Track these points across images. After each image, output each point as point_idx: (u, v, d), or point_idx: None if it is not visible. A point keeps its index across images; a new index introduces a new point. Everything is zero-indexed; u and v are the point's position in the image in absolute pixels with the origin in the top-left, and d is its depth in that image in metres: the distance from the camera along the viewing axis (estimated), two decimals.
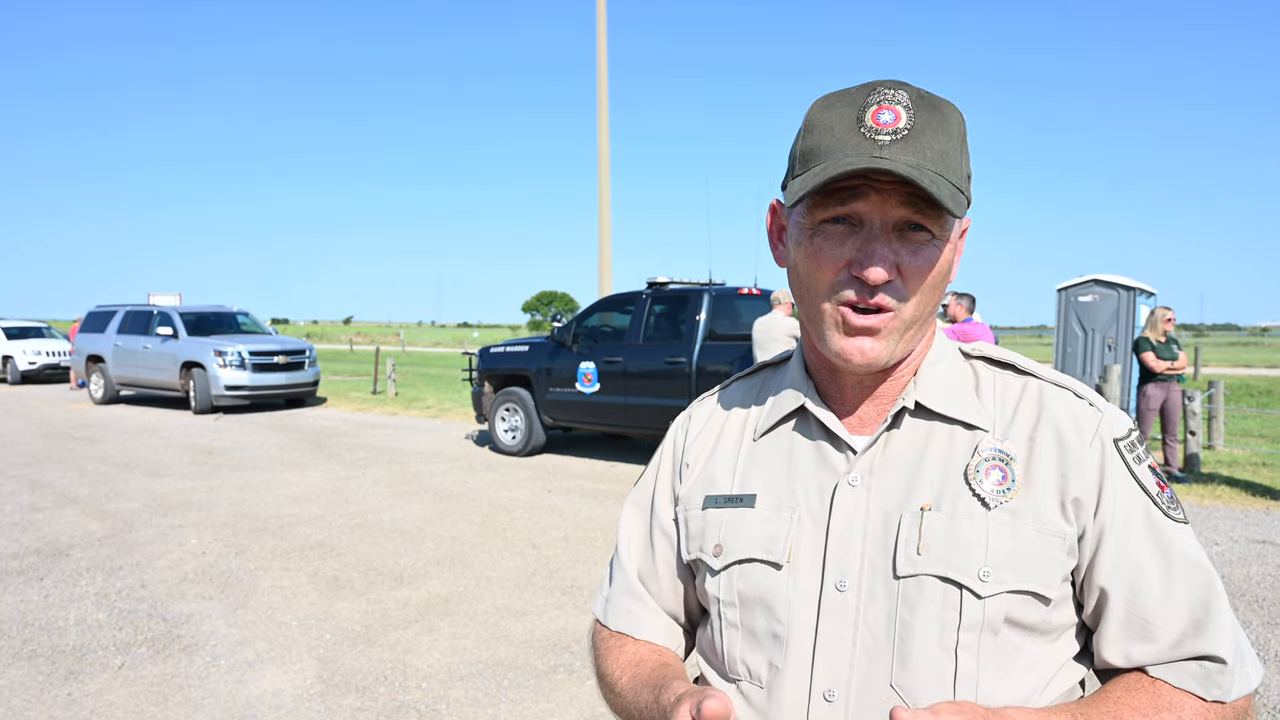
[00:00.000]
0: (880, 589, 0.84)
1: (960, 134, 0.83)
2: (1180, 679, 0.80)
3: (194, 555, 5.47)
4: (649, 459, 1.10)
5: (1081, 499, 0.83)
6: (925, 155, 0.79)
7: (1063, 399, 0.88)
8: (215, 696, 3.42)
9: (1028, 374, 0.92)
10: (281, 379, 14.25)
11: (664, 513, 1.03)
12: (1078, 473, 0.84)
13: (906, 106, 0.81)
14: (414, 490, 7.64)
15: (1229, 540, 5.81)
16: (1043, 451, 0.85)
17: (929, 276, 0.84)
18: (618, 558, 1.06)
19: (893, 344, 0.85)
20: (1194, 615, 0.81)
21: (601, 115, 17.12)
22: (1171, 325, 7.96)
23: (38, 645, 3.95)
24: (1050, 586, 0.82)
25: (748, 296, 9.14)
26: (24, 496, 7.29)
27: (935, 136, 0.81)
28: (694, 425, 1.04)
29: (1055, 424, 0.86)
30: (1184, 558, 0.83)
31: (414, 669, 3.71)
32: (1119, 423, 0.88)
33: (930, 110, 0.82)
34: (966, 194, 0.83)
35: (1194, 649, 0.80)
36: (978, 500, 0.84)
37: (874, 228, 0.82)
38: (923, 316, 0.86)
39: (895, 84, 0.83)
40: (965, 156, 0.84)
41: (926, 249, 0.83)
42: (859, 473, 0.88)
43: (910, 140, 0.80)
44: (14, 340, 20.90)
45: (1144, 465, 0.87)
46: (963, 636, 0.81)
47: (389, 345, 46.68)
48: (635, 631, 1.02)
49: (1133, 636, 0.82)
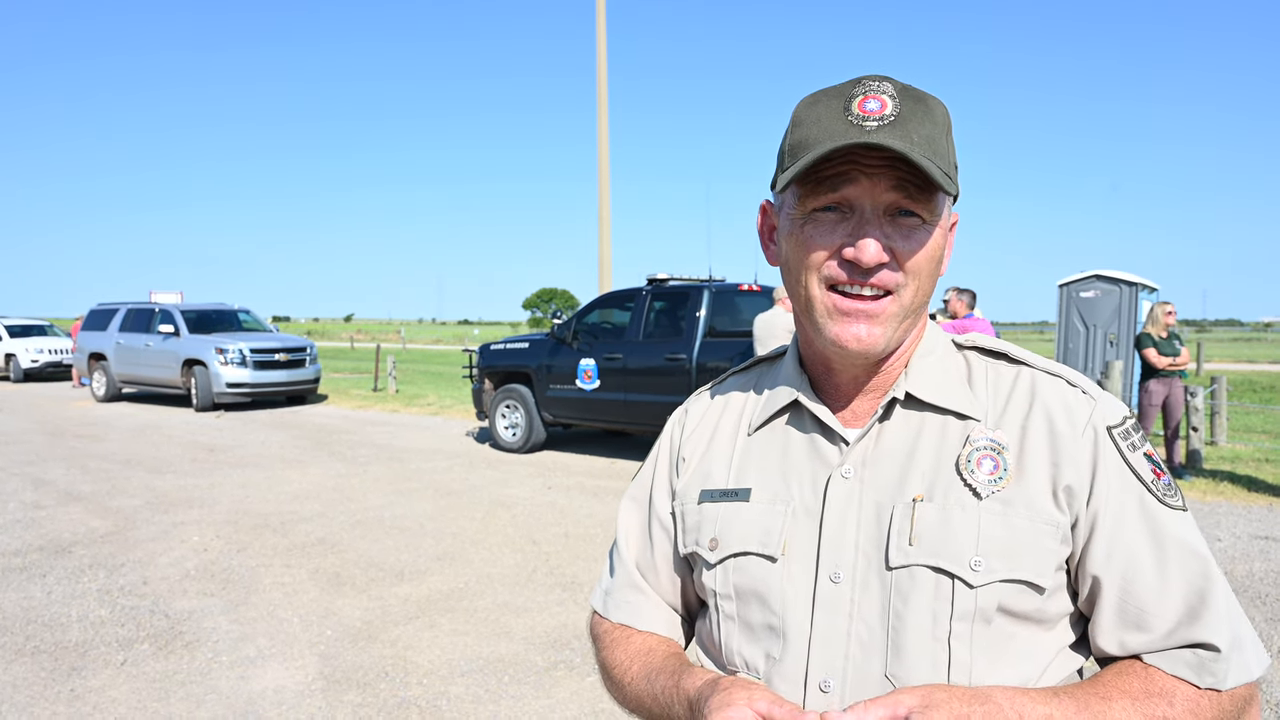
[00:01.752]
0: (874, 580, 0.84)
1: (945, 124, 0.84)
2: (1174, 666, 0.80)
3: (196, 552, 5.48)
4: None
5: (1073, 487, 0.83)
6: (913, 140, 0.80)
7: (1055, 387, 0.88)
8: (217, 693, 3.42)
9: (1020, 363, 0.92)
10: (283, 376, 14.27)
11: (662, 507, 1.03)
12: (1070, 461, 0.83)
13: (892, 96, 0.82)
14: (415, 487, 7.65)
15: (1231, 536, 5.80)
16: (1035, 440, 0.85)
17: (923, 261, 0.84)
18: (617, 551, 1.07)
19: (890, 330, 0.85)
20: (1189, 603, 0.80)
21: (601, 112, 17.11)
22: (1172, 320, 7.94)
23: (41, 642, 3.96)
24: (1044, 575, 0.82)
25: (748, 293, 9.13)
26: (27, 494, 7.30)
27: (921, 123, 0.81)
28: (690, 420, 1.05)
29: (1047, 412, 0.86)
30: (1179, 545, 0.82)
31: (415, 665, 3.71)
32: (1113, 410, 0.87)
33: (915, 100, 0.83)
34: (955, 180, 0.83)
35: (1188, 636, 0.80)
36: (969, 490, 0.84)
37: (865, 212, 0.83)
38: (919, 304, 0.86)
39: (879, 78, 0.84)
40: (951, 147, 0.84)
41: (918, 232, 0.83)
42: (852, 465, 0.89)
43: (898, 125, 0.80)
44: (17, 338, 20.92)
45: (1139, 453, 0.86)
46: (955, 626, 0.81)
47: (390, 342, 46.68)
48: (638, 623, 1.02)
49: (1127, 625, 0.82)
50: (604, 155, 17.08)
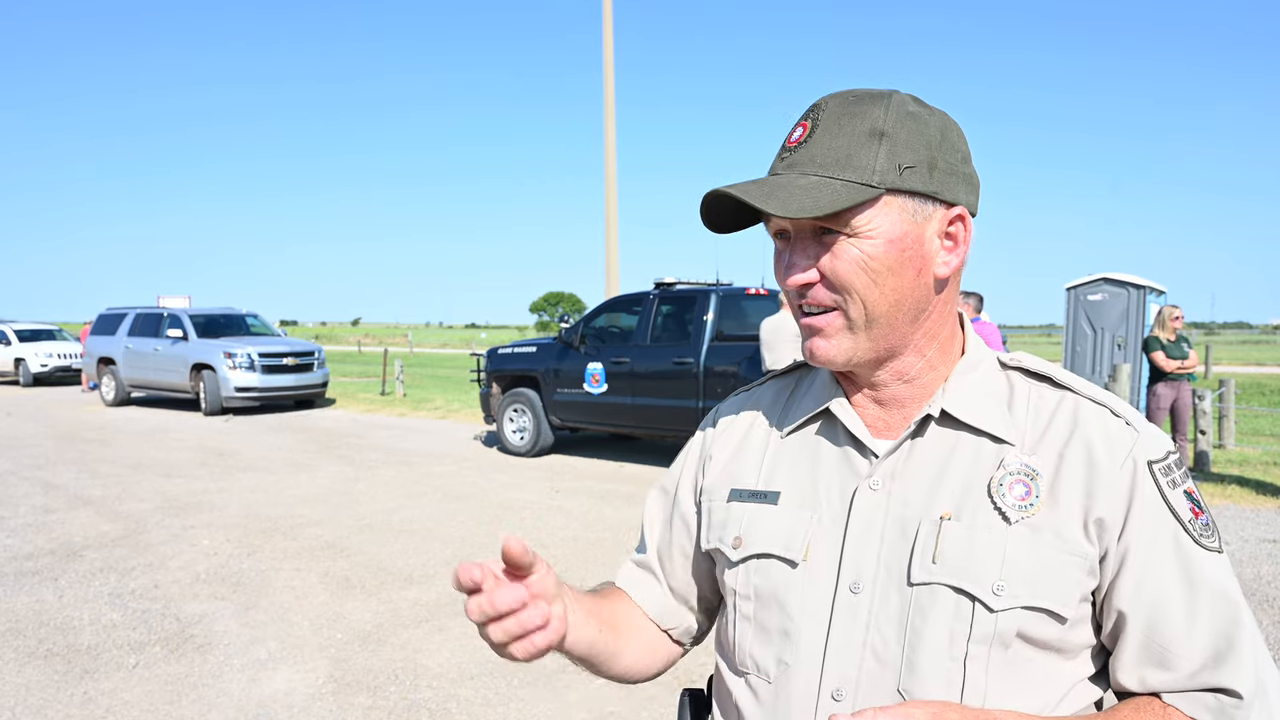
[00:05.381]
0: (894, 594, 0.84)
1: (876, 125, 0.82)
2: (1193, 708, 0.79)
3: (206, 556, 5.51)
4: (656, 460, 1.13)
5: (1105, 520, 0.81)
6: (814, 164, 0.83)
7: (1098, 416, 0.86)
8: (228, 695, 3.45)
9: (1065, 388, 0.89)
10: (291, 380, 14.31)
11: (686, 501, 1.06)
12: (1105, 493, 0.82)
13: (816, 119, 0.85)
14: (423, 491, 7.67)
15: (1239, 540, 5.79)
16: (1071, 469, 0.83)
17: (852, 274, 0.83)
18: (641, 536, 1.11)
19: (844, 343, 0.86)
20: (1216, 646, 0.79)
21: (608, 115, 17.15)
22: (1180, 323, 7.90)
23: (53, 645, 3.99)
24: (1067, 606, 0.81)
25: (755, 296, 9.13)
26: (38, 498, 7.35)
27: (833, 139, 0.83)
28: (721, 420, 1.07)
29: (1087, 442, 0.84)
30: (1210, 587, 0.81)
31: (424, 668, 3.73)
32: (1157, 444, 0.85)
33: (843, 114, 0.84)
34: (875, 185, 0.81)
35: (1211, 680, 0.79)
36: (999, 514, 0.83)
37: (792, 237, 0.88)
38: (879, 313, 0.84)
39: (836, 94, 0.86)
40: (889, 143, 0.82)
41: (843, 247, 0.83)
42: (880, 477, 0.88)
43: (801, 150, 0.84)
44: (26, 343, 21.04)
45: (1179, 490, 0.84)
46: (972, 648, 0.80)
47: (397, 346, 46.78)
48: (632, 593, 1.07)
49: (1150, 663, 0.81)
50: (611, 157, 17.11)
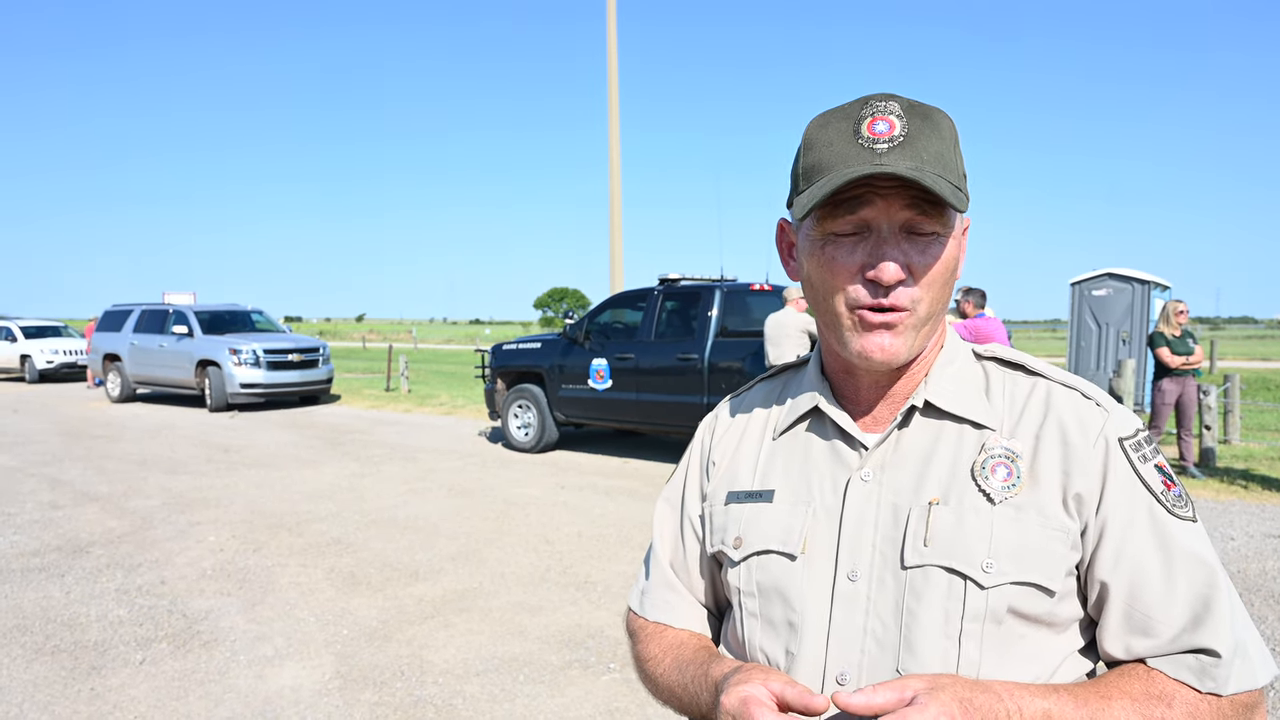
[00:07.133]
0: (889, 579, 0.88)
1: (952, 137, 0.87)
2: (1176, 670, 0.82)
3: (212, 552, 5.53)
4: (661, 455, 1.14)
5: (1083, 495, 0.86)
6: (923, 158, 0.83)
7: (1070, 399, 0.91)
8: (235, 691, 3.46)
9: (1037, 374, 0.95)
10: (296, 377, 14.35)
11: (693, 509, 1.08)
12: (1080, 470, 0.86)
13: (899, 115, 0.85)
14: (428, 487, 7.69)
15: (1245, 535, 5.78)
16: (1048, 449, 0.88)
17: (938, 273, 0.87)
18: (653, 552, 1.12)
19: (910, 339, 0.89)
20: (1194, 610, 0.83)
21: (612, 111, 17.13)
22: (1185, 318, 7.88)
23: (60, 641, 4.01)
24: (1053, 579, 0.85)
25: (759, 293, 9.13)
26: (44, 494, 7.38)
27: (930, 140, 0.84)
28: (719, 425, 1.10)
29: (1061, 423, 0.89)
30: (1186, 554, 0.85)
31: (430, 664, 3.74)
32: (1125, 423, 0.90)
33: (922, 118, 0.85)
34: (964, 191, 0.86)
35: (1191, 642, 0.82)
36: (984, 495, 0.87)
37: (882, 231, 0.86)
38: (936, 312, 0.90)
39: (885, 96, 0.86)
40: (959, 158, 0.87)
41: (934, 246, 0.87)
42: (871, 468, 0.93)
43: (906, 145, 0.83)
44: (32, 339, 21.11)
45: (1150, 464, 0.89)
46: (967, 625, 0.84)
47: (401, 342, 46.84)
48: (673, 621, 1.08)
49: (1133, 630, 0.84)
50: (615, 152, 17.10)
